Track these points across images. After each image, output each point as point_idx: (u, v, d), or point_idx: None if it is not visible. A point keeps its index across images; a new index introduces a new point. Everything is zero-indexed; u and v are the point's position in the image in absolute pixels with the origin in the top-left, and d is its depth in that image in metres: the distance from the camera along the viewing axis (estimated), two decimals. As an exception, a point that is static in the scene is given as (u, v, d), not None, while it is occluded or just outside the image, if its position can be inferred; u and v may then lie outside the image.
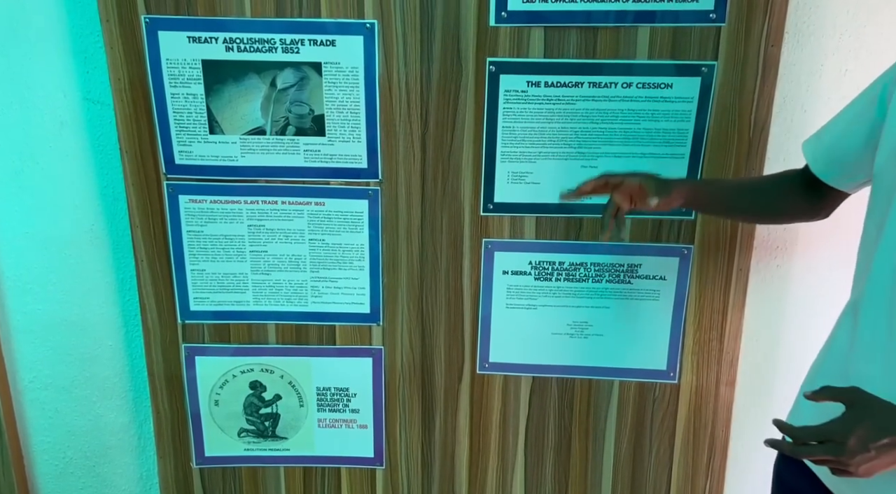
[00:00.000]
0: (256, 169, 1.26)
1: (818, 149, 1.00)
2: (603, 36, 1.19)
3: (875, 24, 1.19)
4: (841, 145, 0.96)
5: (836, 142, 0.97)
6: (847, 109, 0.97)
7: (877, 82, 0.91)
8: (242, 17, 1.17)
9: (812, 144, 1.01)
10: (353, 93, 1.22)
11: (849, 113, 0.96)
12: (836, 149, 0.97)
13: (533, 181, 1.28)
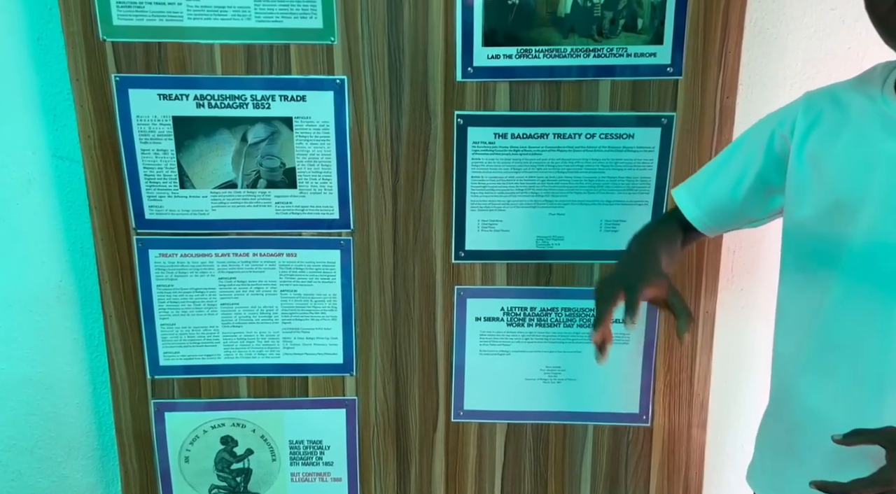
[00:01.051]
0: (227, 222, 1.27)
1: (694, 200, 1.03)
2: (566, 89, 1.24)
3: (823, 74, 1.25)
4: (722, 195, 1.00)
5: (717, 193, 1.01)
6: (725, 159, 1.01)
7: (760, 130, 0.96)
8: (213, 75, 1.19)
9: (685, 193, 1.05)
10: (324, 146, 1.24)
11: (729, 162, 1.00)
12: (716, 199, 1.01)
13: (503, 228, 1.31)
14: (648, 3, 1.19)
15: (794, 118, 0.92)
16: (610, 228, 1.30)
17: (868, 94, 0.85)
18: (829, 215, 0.87)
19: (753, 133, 0.99)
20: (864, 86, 0.87)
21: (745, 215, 1.03)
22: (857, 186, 0.83)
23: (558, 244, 1.31)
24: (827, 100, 0.90)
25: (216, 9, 1.15)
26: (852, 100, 0.87)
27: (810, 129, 0.89)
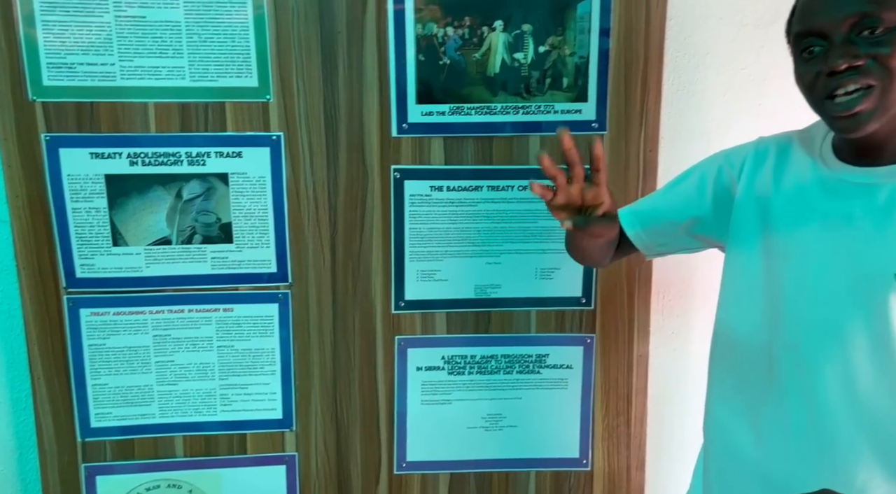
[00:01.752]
0: (162, 278, 1.25)
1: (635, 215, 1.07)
2: (498, 144, 1.28)
3: (737, 129, 1.33)
4: (662, 219, 1.04)
5: (657, 215, 1.05)
6: (671, 186, 1.06)
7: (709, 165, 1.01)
8: (147, 133, 1.19)
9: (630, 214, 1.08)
10: (261, 201, 1.24)
11: (674, 189, 1.05)
12: (655, 221, 1.05)
13: (442, 278, 1.33)
14: (573, 62, 1.25)
15: (743, 160, 0.96)
16: (545, 276, 1.34)
17: (811, 149, 0.90)
18: (764, 259, 0.90)
19: (703, 166, 1.03)
20: (808, 140, 0.91)
21: (680, 240, 1.06)
22: (791, 237, 0.87)
23: (496, 292, 1.34)
24: (776, 148, 0.94)
25: (150, 68, 1.16)
26: (797, 152, 0.91)
27: (756, 174, 0.94)
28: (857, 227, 0.82)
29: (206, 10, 1.16)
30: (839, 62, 0.75)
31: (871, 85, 0.75)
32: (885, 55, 0.74)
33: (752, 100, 1.32)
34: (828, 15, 0.76)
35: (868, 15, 0.74)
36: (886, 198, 0.80)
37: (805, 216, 0.86)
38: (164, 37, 1.15)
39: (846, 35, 0.75)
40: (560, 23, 1.24)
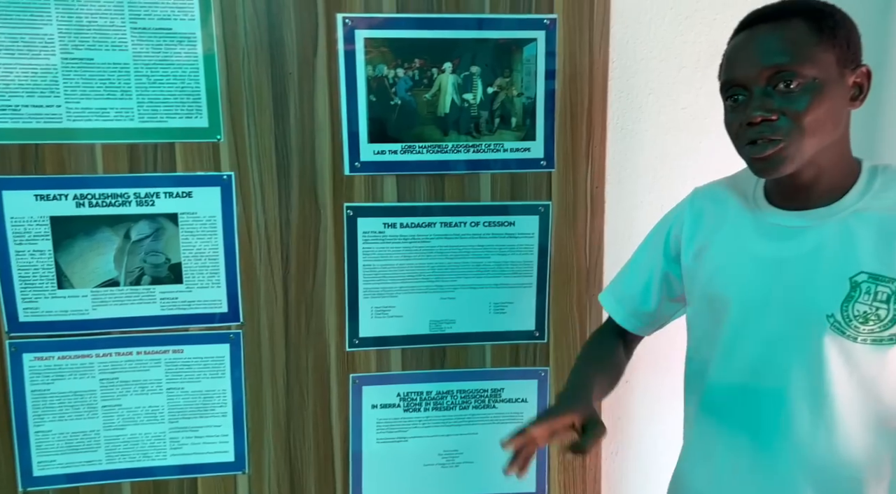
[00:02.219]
0: (109, 321, 1.23)
1: (619, 303, 1.07)
2: (450, 181, 1.31)
3: (680, 166, 1.38)
4: (639, 297, 1.05)
5: (634, 295, 1.06)
6: (636, 260, 1.08)
7: (659, 230, 1.03)
8: (94, 175, 1.18)
9: (611, 298, 1.09)
10: (212, 241, 1.24)
11: (639, 264, 1.07)
12: (635, 301, 1.06)
13: (396, 314, 1.34)
14: (521, 103, 1.29)
15: (683, 217, 0.99)
16: (499, 310, 1.36)
17: (744, 195, 0.93)
18: (709, 309, 0.93)
19: (654, 235, 1.05)
20: (741, 185, 0.94)
21: (664, 312, 1.07)
22: (727, 283, 0.90)
23: (451, 327, 1.35)
24: (710, 198, 0.97)
25: (98, 110, 1.16)
26: (731, 198, 0.94)
27: (696, 227, 0.97)
28: (789, 270, 0.85)
29: (155, 51, 1.16)
30: (755, 115, 0.78)
31: (782, 138, 0.78)
32: (797, 112, 0.78)
33: (693, 138, 1.37)
34: (747, 67, 0.80)
35: (784, 69, 0.78)
36: (815, 241, 0.84)
37: (742, 260, 0.89)
38: (113, 78, 1.15)
39: (763, 87, 0.79)
40: (507, 65, 1.27)
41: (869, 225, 0.82)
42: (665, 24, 1.32)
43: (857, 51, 0.82)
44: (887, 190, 0.83)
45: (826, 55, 0.79)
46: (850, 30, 0.82)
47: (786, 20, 0.80)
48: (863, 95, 0.83)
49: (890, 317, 0.80)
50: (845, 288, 0.81)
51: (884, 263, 0.80)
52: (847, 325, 0.81)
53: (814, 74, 0.78)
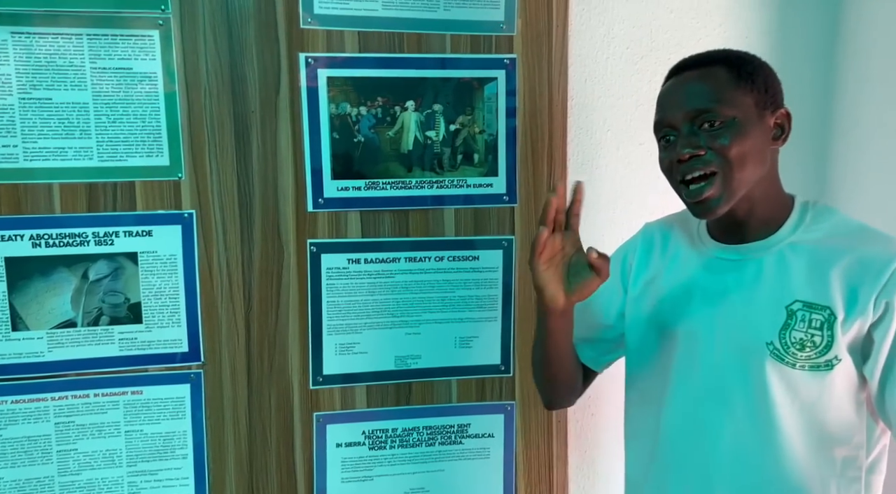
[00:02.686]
0: (66, 363, 1.20)
1: (580, 337, 1.07)
2: (414, 217, 1.31)
3: (639, 199, 1.41)
4: (596, 324, 1.07)
5: (594, 329, 1.08)
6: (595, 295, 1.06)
7: (614, 261, 1.04)
8: (52, 214, 1.17)
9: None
10: (172, 280, 1.22)
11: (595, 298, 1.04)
12: (596, 337, 1.08)
13: (361, 350, 1.33)
14: (482, 139, 1.31)
15: (635, 248, 1.04)
16: (464, 344, 1.36)
17: (689, 230, 0.98)
18: (660, 339, 0.96)
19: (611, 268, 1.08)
20: (686, 222, 0.99)
21: (618, 341, 1.08)
22: (675, 314, 0.94)
23: (416, 363, 1.35)
24: (659, 232, 1.03)
25: (55, 150, 1.15)
26: (677, 234, 0.99)
27: (646, 259, 1.01)
28: (731, 301, 0.89)
29: (115, 90, 1.16)
30: (684, 152, 0.85)
31: (713, 172, 0.84)
32: (722, 146, 0.84)
33: (651, 173, 1.38)
34: (675, 110, 0.87)
35: (707, 110, 0.85)
36: (754, 272, 0.89)
37: (689, 293, 0.93)
38: (72, 118, 1.15)
39: (690, 127, 0.86)
40: (469, 103, 1.30)
41: (802, 256, 0.87)
42: (621, 64, 1.36)
43: (775, 94, 0.89)
44: (818, 223, 0.89)
45: (745, 98, 0.85)
46: (767, 75, 0.89)
47: (708, 67, 0.88)
48: (784, 135, 0.89)
49: (825, 343, 0.84)
50: (782, 316, 0.86)
51: (816, 292, 0.85)
52: (785, 352, 0.85)
53: (733, 114, 0.84)
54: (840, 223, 0.89)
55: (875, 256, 0.83)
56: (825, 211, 0.90)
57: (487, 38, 1.28)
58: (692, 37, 1.36)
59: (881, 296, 0.82)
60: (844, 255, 0.85)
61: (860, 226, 0.89)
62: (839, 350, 0.83)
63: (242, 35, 1.21)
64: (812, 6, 1.41)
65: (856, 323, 0.83)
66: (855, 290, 0.83)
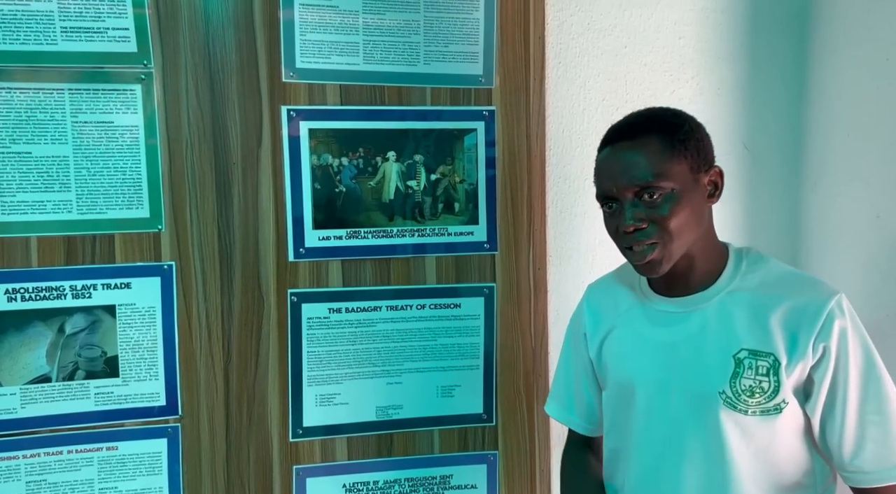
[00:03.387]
0: (39, 419, 1.18)
1: (566, 409, 1.09)
2: (395, 265, 1.32)
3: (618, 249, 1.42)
4: (581, 398, 1.07)
5: (576, 398, 1.08)
6: (564, 366, 1.10)
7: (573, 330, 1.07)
8: (28, 268, 1.16)
9: (556, 406, 1.11)
10: (150, 332, 1.21)
11: (569, 367, 1.09)
12: (581, 403, 1.07)
13: (342, 401, 1.31)
14: (463, 188, 1.32)
15: (582, 315, 1.05)
16: (446, 393, 1.35)
17: (632, 286, 1.00)
18: (619, 395, 0.97)
19: (569, 336, 1.10)
20: (627, 277, 1.02)
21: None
22: (630, 369, 0.95)
23: (398, 413, 1.33)
24: (602, 292, 1.05)
25: (34, 203, 1.14)
26: (621, 292, 1.01)
27: (595, 322, 1.03)
28: (681, 353, 0.92)
29: (96, 143, 1.16)
30: (628, 225, 0.87)
31: (654, 243, 0.87)
32: (662, 217, 0.87)
33: None
34: (614, 183, 0.89)
35: (646, 186, 0.87)
36: (699, 323, 0.92)
37: (640, 347, 0.96)
38: (51, 171, 1.15)
39: (632, 200, 0.88)
40: (449, 153, 1.32)
41: (741, 304, 0.91)
42: (598, 115, 1.39)
43: (707, 154, 0.92)
44: (753, 271, 0.93)
45: (680, 167, 0.88)
46: (699, 138, 0.91)
47: (641, 137, 0.89)
48: (718, 191, 0.92)
49: (772, 389, 0.87)
50: (731, 365, 0.89)
51: (759, 339, 0.88)
52: (737, 400, 0.88)
53: (671, 185, 0.87)
54: (773, 270, 0.93)
55: (809, 302, 0.87)
56: (758, 258, 0.94)
57: (467, 91, 1.31)
58: (666, 89, 1.40)
59: (818, 340, 0.85)
60: (781, 302, 0.88)
61: (792, 273, 0.93)
62: (786, 393, 0.86)
63: (225, 88, 1.22)
64: (782, 60, 1.46)
65: (798, 367, 0.86)
66: (795, 336, 0.86)
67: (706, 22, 1.41)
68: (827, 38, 1.39)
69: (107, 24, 1.15)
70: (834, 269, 1.38)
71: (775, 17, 1.43)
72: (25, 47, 1.12)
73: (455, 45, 1.29)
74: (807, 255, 1.46)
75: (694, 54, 1.42)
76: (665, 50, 1.41)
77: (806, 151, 1.45)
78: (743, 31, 1.42)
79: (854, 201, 1.33)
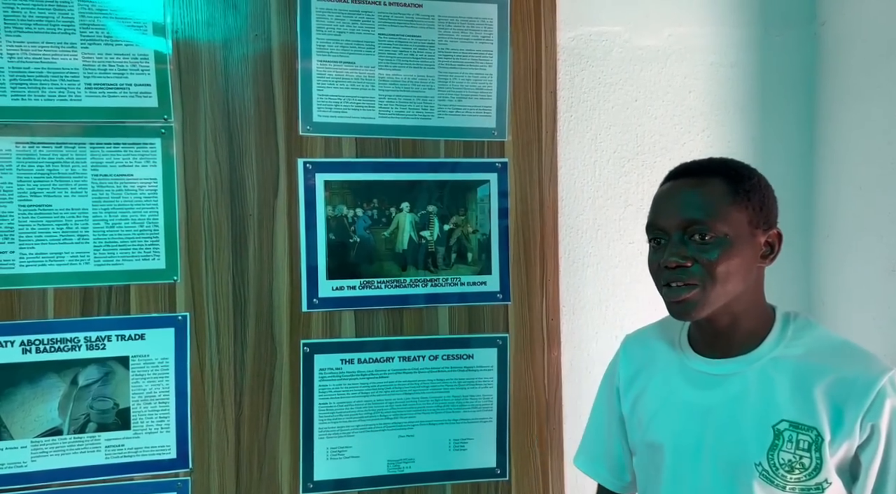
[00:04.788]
0: (50, 473, 1.17)
1: (596, 462, 1.06)
2: (408, 315, 1.32)
3: (632, 297, 1.42)
4: (611, 453, 1.04)
5: (606, 452, 1.04)
6: (595, 418, 1.07)
7: (607, 382, 1.04)
8: (44, 319, 1.16)
9: (586, 461, 1.08)
10: (163, 384, 1.21)
11: (601, 419, 1.06)
12: (610, 457, 1.04)
13: (353, 455, 1.30)
14: (476, 239, 1.33)
15: (617, 367, 1.02)
16: (459, 447, 1.33)
17: (671, 341, 0.96)
18: (648, 453, 0.94)
19: (603, 388, 1.06)
20: (667, 330, 0.98)
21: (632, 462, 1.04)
22: (661, 429, 0.91)
23: (409, 467, 1.32)
24: (640, 344, 1.01)
25: (52, 255, 1.15)
26: (659, 346, 0.97)
27: (630, 376, 0.99)
28: (717, 417, 0.87)
29: (115, 196, 1.18)
30: (671, 260, 0.84)
31: (694, 284, 0.83)
32: (709, 260, 0.83)
33: (642, 271, 1.39)
34: (668, 216, 0.87)
35: (698, 223, 0.84)
36: (738, 388, 0.87)
37: (673, 407, 0.92)
38: (70, 223, 1.16)
39: (680, 235, 0.86)
40: (462, 204, 1.33)
41: (785, 372, 0.86)
42: (609, 166, 1.40)
43: (769, 214, 0.89)
44: (799, 338, 0.88)
45: (738, 215, 0.85)
46: (764, 194, 0.89)
47: (706, 178, 0.87)
48: (773, 255, 0.89)
49: (814, 466, 0.82)
50: (769, 436, 0.84)
51: (802, 411, 0.83)
52: (774, 474, 0.83)
53: (725, 230, 0.84)
54: (821, 338, 0.88)
55: (858, 376, 0.82)
56: (806, 325, 0.89)
57: (480, 144, 1.32)
58: (676, 141, 1.42)
59: (867, 419, 0.80)
60: (827, 374, 0.83)
61: (842, 343, 0.88)
62: (829, 472, 0.81)
63: (243, 142, 1.24)
64: (792, 113, 1.47)
65: (843, 445, 0.81)
66: (840, 411, 0.81)
67: (716, 76, 1.43)
68: (836, 92, 1.41)
69: (129, 81, 1.18)
70: (847, 322, 1.37)
71: (784, 71, 1.45)
72: (50, 103, 1.15)
73: (469, 99, 1.31)
74: (820, 306, 1.45)
75: (704, 107, 1.44)
76: (675, 103, 1.43)
77: (818, 203, 1.46)
78: (753, 84, 1.45)
79: (868, 254, 1.33)
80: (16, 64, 1.14)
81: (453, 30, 1.30)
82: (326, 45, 1.26)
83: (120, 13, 1.17)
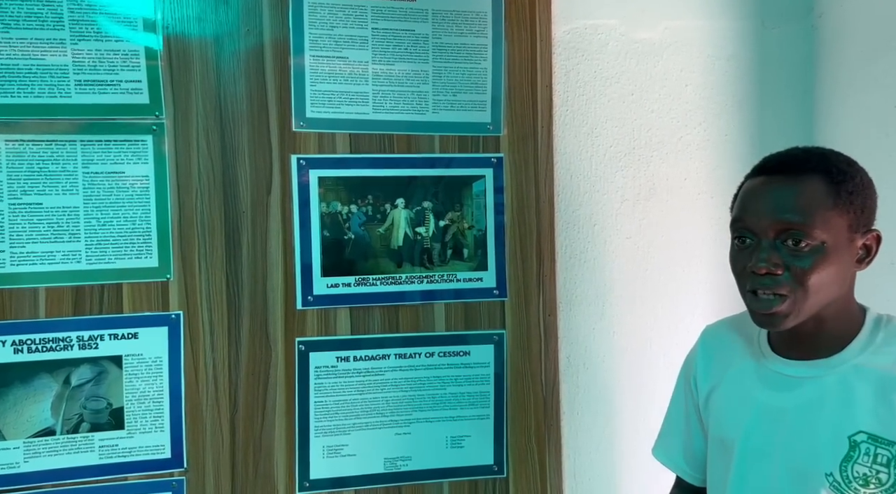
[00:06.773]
0: (43, 473, 1.15)
1: (677, 457, 1.01)
2: (404, 312, 1.31)
3: (629, 292, 1.41)
4: (693, 446, 0.99)
5: (687, 444, 1.00)
6: (673, 411, 1.02)
7: (683, 376, 1.00)
8: (35, 319, 1.15)
9: (664, 452, 1.03)
10: (156, 383, 1.19)
11: (679, 410, 1.01)
12: (690, 451, 0.99)
13: (349, 453, 1.29)
14: (472, 234, 1.32)
15: (695, 360, 0.97)
16: (456, 444, 1.32)
17: (749, 339, 0.92)
18: (718, 449, 0.90)
19: (680, 382, 1.02)
20: (746, 327, 0.92)
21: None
22: (732, 427, 0.88)
23: (406, 465, 1.31)
24: (717, 338, 0.96)
25: (43, 254, 1.14)
26: (736, 341, 0.93)
27: (706, 370, 0.95)
28: (789, 421, 0.83)
29: (106, 194, 1.17)
30: (761, 266, 0.78)
31: (784, 295, 0.78)
32: (802, 270, 0.77)
33: (639, 266, 1.41)
34: (759, 216, 0.80)
35: (795, 227, 0.77)
36: (814, 393, 0.82)
37: (745, 405, 0.87)
38: (61, 222, 1.15)
39: (772, 240, 0.79)
40: (458, 200, 1.32)
41: (868, 381, 0.80)
42: (605, 161, 1.39)
43: (870, 215, 0.83)
44: (889, 345, 0.82)
45: (839, 220, 0.78)
46: (867, 195, 0.82)
47: (805, 176, 0.80)
48: (870, 258, 0.83)
49: (891, 483, 0.77)
50: (844, 447, 0.79)
51: (883, 424, 0.78)
52: (846, 486, 0.79)
53: (823, 238, 0.77)
54: None
55: None
56: None
57: (475, 139, 1.31)
58: (673, 135, 1.41)
59: None
60: None
61: None
62: None
63: (235, 138, 1.23)
64: (789, 106, 1.46)
65: None
66: None
67: (712, 69, 1.42)
68: (834, 85, 1.40)
69: (120, 77, 1.17)
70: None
71: (781, 64, 1.44)
72: (40, 100, 1.14)
73: (463, 94, 1.30)
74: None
75: (700, 101, 1.43)
76: (672, 97, 1.41)
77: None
78: (750, 77, 1.43)
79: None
80: (4, 60, 1.12)
81: (447, 24, 1.29)
82: (319, 40, 1.25)
83: (110, 9, 1.16)
